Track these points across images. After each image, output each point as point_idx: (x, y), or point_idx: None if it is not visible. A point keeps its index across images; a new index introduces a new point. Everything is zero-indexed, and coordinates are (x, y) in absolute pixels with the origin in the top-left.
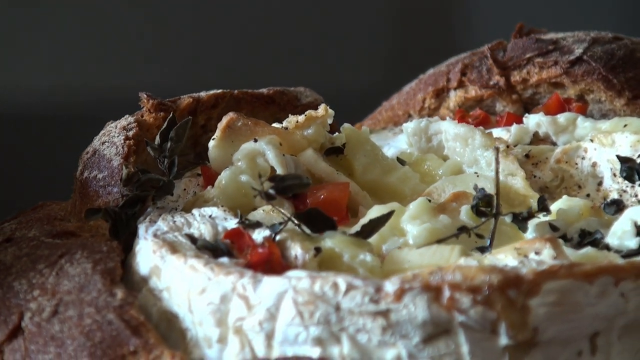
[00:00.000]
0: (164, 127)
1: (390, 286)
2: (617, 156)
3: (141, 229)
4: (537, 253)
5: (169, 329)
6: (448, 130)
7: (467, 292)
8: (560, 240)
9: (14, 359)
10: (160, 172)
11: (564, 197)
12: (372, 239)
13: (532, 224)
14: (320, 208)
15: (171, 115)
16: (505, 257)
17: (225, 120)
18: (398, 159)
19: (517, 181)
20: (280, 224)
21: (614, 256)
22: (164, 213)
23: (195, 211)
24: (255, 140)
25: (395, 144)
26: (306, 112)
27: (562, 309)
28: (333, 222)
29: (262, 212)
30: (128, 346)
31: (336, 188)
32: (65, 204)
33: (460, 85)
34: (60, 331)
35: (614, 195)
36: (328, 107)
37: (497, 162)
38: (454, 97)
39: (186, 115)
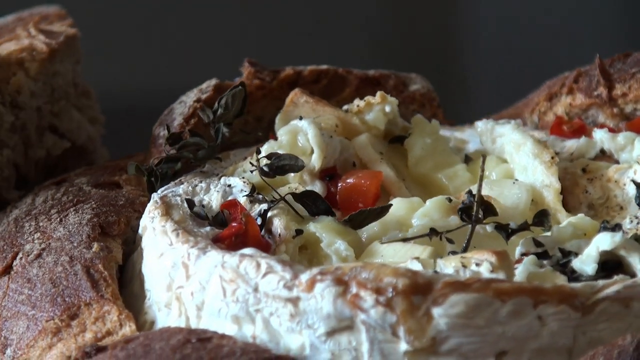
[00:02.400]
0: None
1: (304, 275)
2: (633, 181)
3: (161, 188)
4: (477, 265)
5: (139, 288)
6: (506, 134)
7: (371, 292)
8: (532, 257)
9: None
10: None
11: (579, 215)
12: (374, 231)
13: (521, 237)
14: (347, 192)
15: (239, 84)
16: (448, 265)
17: (291, 95)
18: (466, 156)
19: (549, 194)
20: (272, 201)
21: (563, 279)
22: (197, 177)
23: (223, 179)
24: (301, 118)
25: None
26: (365, 98)
27: (466, 323)
28: (327, 206)
29: (288, 188)
30: (84, 298)
31: (367, 175)
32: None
33: (570, 91)
34: (36, 275)
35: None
36: (389, 96)
37: (482, 170)
38: (562, 103)
39: (286, 87)
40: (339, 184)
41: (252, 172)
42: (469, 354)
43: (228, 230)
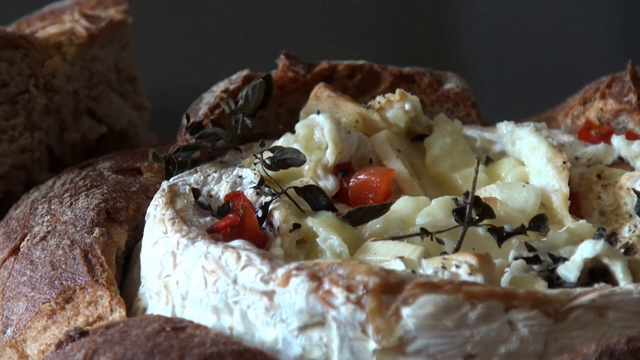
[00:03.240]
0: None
1: (281, 269)
2: (634, 189)
3: (174, 176)
4: (457, 266)
5: (137, 275)
6: (524, 137)
7: (342, 289)
8: (520, 262)
9: (1, 276)
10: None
11: (581, 221)
12: (376, 228)
13: (516, 240)
14: (358, 188)
15: (265, 76)
16: (431, 266)
17: (315, 89)
18: (488, 157)
19: (557, 198)
20: (274, 194)
21: (543, 285)
22: (213, 167)
23: (236, 170)
24: (318, 113)
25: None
26: (386, 95)
27: (434, 324)
28: (329, 202)
29: (299, 182)
30: (80, 282)
31: (379, 172)
32: None
33: (603, 96)
34: (38, 257)
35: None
36: (408, 94)
37: (476, 172)
38: (594, 108)
39: (320, 80)
40: (351, 180)
41: (255, 164)
42: (436, 355)
43: (224, 221)
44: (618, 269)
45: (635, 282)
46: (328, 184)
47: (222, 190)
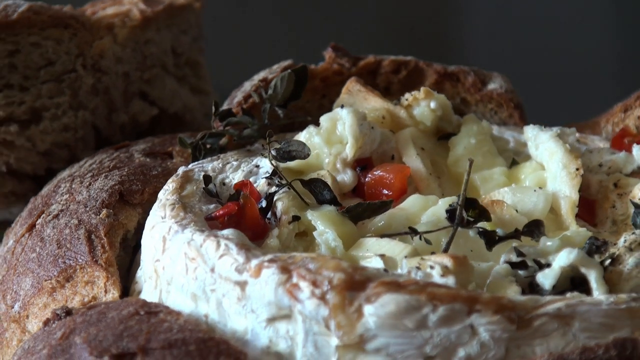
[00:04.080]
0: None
1: (255, 260)
2: (631, 201)
3: (194, 162)
4: (431, 267)
5: (139, 258)
6: (545, 141)
7: (308, 283)
8: (504, 266)
9: (15, 252)
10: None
11: (580, 229)
12: (380, 225)
13: (507, 244)
14: (374, 184)
15: (300, 67)
16: (409, 265)
17: (347, 83)
18: (513, 159)
19: (565, 205)
20: (279, 186)
21: (516, 291)
22: (236, 155)
23: (256, 159)
24: (342, 107)
25: None
26: (413, 92)
27: (394, 324)
28: (333, 196)
29: (317, 174)
30: (80, 261)
31: (395, 169)
32: None
33: None
34: (48, 235)
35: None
36: (434, 92)
37: (468, 174)
38: (633, 115)
39: (365, 74)
40: (367, 176)
41: (262, 155)
42: (396, 355)
43: (222, 210)
44: (592, 279)
45: (613, 292)
46: (346, 177)
47: (236, 178)
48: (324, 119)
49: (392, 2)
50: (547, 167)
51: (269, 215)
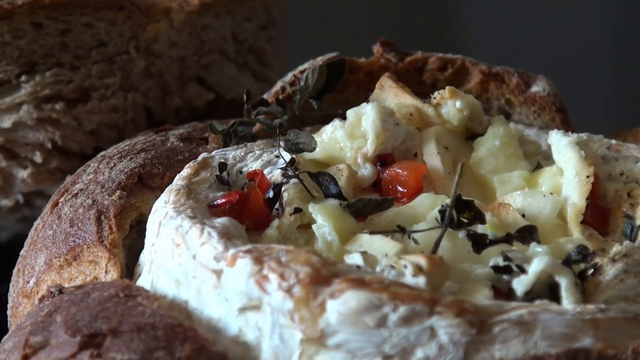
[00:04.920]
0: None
1: (232, 250)
2: (624, 211)
3: (218, 150)
4: (405, 266)
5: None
6: (563, 147)
7: (277, 275)
8: (487, 270)
9: (37, 228)
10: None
11: (575, 236)
12: (386, 221)
13: (501, 248)
14: (390, 180)
15: (337, 60)
16: (387, 263)
17: (381, 78)
18: (538, 164)
19: (571, 211)
20: (288, 176)
21: (486, 295)
22: (262, 144)
23: (277, 150)
24: (368, 102)
25: None
26: (440, 91)
27: (355, 321)
28: (338, 191)
29: (336, 167)
30: (88, 241)
31: (411, 167)
32: None
33: None
34: (65, 213)
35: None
36: (461, 92)
37: (459, 176)
38: None
39: (412, 70)
40: (385, 172)
41: (273, 146)
42: (355, 352)
43: (224, 198)
44: (563, 286)
45: (588, 302)
46: (365, 172)
47: (254, 167)
48: (350, 113)
49: None
50: (564, 172)
51: (277, 205)
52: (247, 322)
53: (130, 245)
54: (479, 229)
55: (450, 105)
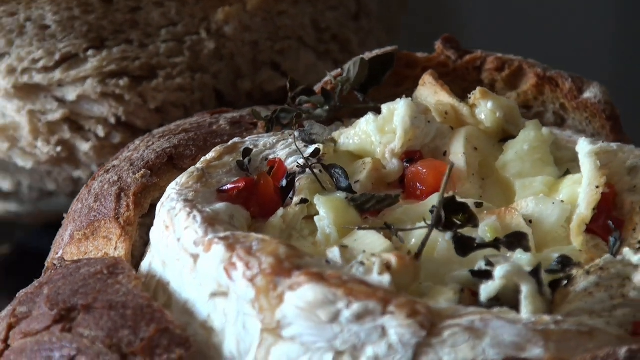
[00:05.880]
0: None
1: (210, 235)
2: (610, 224)
3: (253, 136)
4: (374, 264)
5: None
6: (582, 157)
7: (243, 264)
8: (465, 273)
9: (75, 200)
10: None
11: (570, 246)
12: (393, 217)
13: (484, 253)
14: (412, 177)
15: (385, 53)
16: (362, 259)
17: (423, 75)
18: (567, 170)
19: (575, 220)
20: (302, 167)
21: (449, 297)
22: (297, 133)
23: (294, 140)
24: (404, 97)
25: None
26: (474, 91)
27: (309, 314)
28: (348, 185)
29: (361, 161)
30: (106, 217)
31: (432, 166)
32: None
33: None
34: (94, 189)
35: None
36: (488, 92)
37: (447, 178)
38: None
39: (471, 69)
40: (410, 168)
41: (293, 137)
42: (309, 345)
43: (232, 184)
44: (522, 294)
45: (553, 312)
46: (391, 167)
47: (280, 155)
48: (384, 107)
49: None
50: (582, 181)
51: (291, 195)
52: (215, 307)
53: (149, 224)
54: (479, 232)
55: (484, 106)
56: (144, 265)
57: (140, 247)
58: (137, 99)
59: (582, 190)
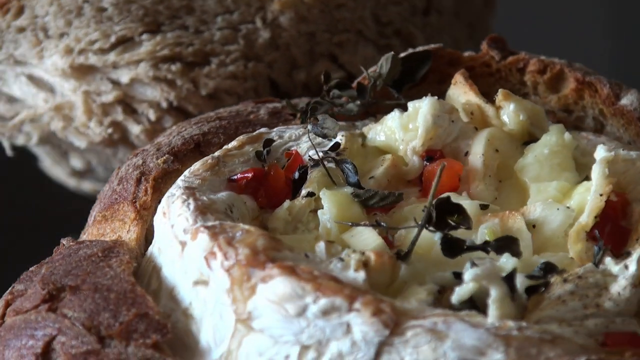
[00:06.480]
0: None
1: (199, 223)
2: (595, 232)
3: (281, 127)
4: (352, 260)
5: None
6: (596, 163)
7: (222, 254)
8: (448, 274)
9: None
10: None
11: (560, 253)
12: (404, 214)
13: (471, 255)
14: (427, 176)
15: (421, 51)
16: (343, 255)
17: (455, 75)
18: (586, 177)
19: (575, 227)
20: (315, 161)
21: (419, 298)
22: (329, 124)
23: (308, 133)
24: (429, 95)
25: None
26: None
27: (278, 307)
28: (356, 181)
29: (381, 158)
30: (125, 200)
31: (448, 164)
32: None
33: None
34: (121, 171)
35: None
36: (510, 94)
37: (438, 178)
38: None
39: (514, 70)
40: (428, 167)
41: (307, 131)
42: (277, 338)
43: (242, 173)
44: (490, 299)
45: (523, 318)
46: (412, 165)
47: (304, 147)
48: (410, 105)
49: None
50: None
51: (303, 187)
52: (197, 295)
53: None
54: (479, 234)
55: (508, 108)
56: (149, 250)
57: (150, 231)
58: (189, 85)
59: (590, 197)
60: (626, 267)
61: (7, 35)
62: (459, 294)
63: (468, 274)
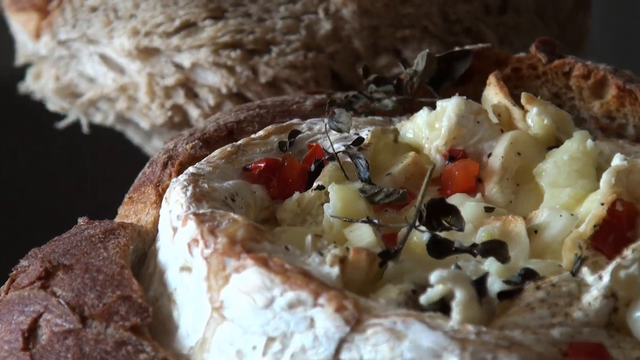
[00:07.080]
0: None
1: (191, 210)
2: (578, 242)
3: (314, 118)
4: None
5: None
6: (606, 172)
7: (203, 242)
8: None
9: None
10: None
11: (548, 261)
12: (411, 213)
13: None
14: (446, 175)
15: (460, 50)
16: (325, 250)
17: (490, 76)
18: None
19: (570, 236)
20: (330, 155)
21: (388, 297)
22: (362, 121)
23: (325, 128)
24: (451, 95)
25: None
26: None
27: (247, 298)
28: (368, 178)
29: (404, 156)
30: (151, 182)
31: (464, 166)
32: None
33: None
34: (153, 155)
35: None
36: (533, 97)
37: (428, 178)
38: None
39: (560, 74)
40: (446, 167)
41: (324, 125)
42: (246, 328)
43: (255, 163)
44: (454, 301)
45: (490, 323)
46: (435, 162)
47: (322, 144)
48: (439, 103)
49: None
50: None
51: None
52: (182, 282)
53: None
54: (477, 236)
55: (532, 112)
56: (158, 234)
57: None
58: (248, 72)
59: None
60: (600, 277)
61: (80, 13)
62: (428, 295)
63: (434, 276)
